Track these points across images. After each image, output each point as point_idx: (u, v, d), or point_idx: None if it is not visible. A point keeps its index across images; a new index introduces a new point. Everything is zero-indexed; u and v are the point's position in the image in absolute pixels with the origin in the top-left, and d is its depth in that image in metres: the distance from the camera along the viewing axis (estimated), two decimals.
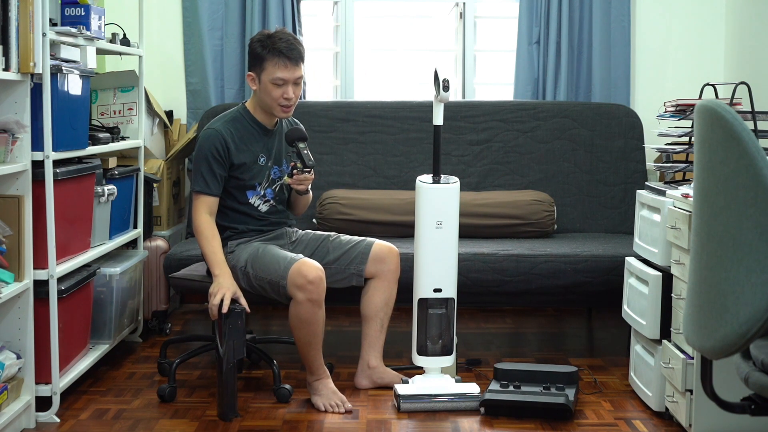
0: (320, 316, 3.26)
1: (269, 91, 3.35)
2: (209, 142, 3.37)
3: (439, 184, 3.43)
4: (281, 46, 3.33)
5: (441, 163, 3.48)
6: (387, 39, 5.20)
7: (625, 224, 4.47)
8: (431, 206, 3.39)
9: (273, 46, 3.33)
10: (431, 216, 3.38)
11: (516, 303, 4.29)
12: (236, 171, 3.40)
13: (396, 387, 3.36)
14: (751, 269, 1.82)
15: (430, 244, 3.40)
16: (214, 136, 3.37)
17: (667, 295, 3.15)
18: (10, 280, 2.94)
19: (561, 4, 4.77)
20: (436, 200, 3.39)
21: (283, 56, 3.33)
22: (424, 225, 3.39)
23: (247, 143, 3.41)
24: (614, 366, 3.84)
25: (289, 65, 3.34)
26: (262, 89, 3.38)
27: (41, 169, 3.07)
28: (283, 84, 3.34)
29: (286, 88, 3.35)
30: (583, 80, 4.86)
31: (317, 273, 3.23)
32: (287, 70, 3.34)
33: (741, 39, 4.66)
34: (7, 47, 2.88)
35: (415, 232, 3.42)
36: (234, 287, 3.24)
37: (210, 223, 3.36)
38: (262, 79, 3.36)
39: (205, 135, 3.40)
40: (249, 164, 3.41)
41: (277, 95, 3.35)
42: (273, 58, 3.33)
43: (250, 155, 3.41)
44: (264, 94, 3.37)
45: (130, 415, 3.25)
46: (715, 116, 1.92)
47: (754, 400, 2.10)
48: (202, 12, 4.82)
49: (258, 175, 3.44)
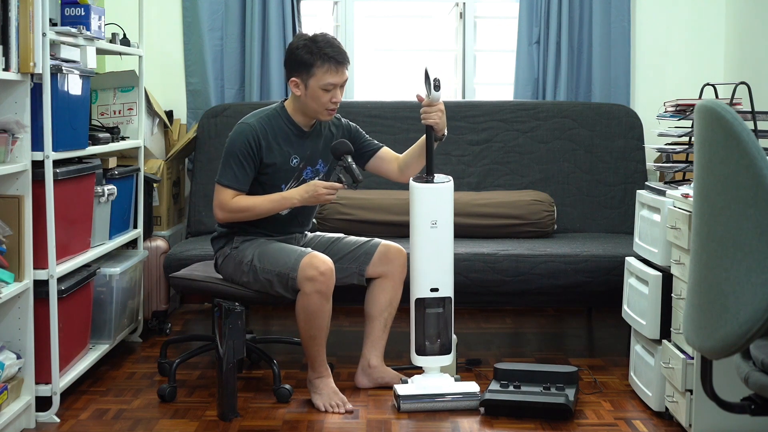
0: (327, 310, 3.26)
1: (318, 96, 3.31)
2: (243, 137, 3.32)
3: (432, 183, 3.42)
4: (330, 52, 3.29)
5: (440, 163, 3.48)
6: (387, 39, 5.20)
7: (625, 224, 4.47)
8: (425, 206, 3.38)
9: (321, 51, 3.28)
10: (425, 216, 3.37)
11: (516, 303, 4.29)
12: (265, 169, 3.36)
13: (395, 387, 3.36)
14: (751, 269, 1.82)
15: (426, 245, 3.39)
16: (248, 131, 3.33)
17: (667, 295, 3.15)
18: (10, 280, 2.94)
19: (561, 4, 4.77)
20: (429, 200, 3.38)
21: (334, 61, 3.29)
22: (419, 225, 3.38)
23: (280, 143, 3.37)
24: (614, 366, 3.84)
25: (339, 69, 3.31)
26: (309, 95, 3.32)
27: (41, 169, 3.07)
28: (332, 88, 3.32)
29: (334, 92, 3.32)
30: (583, 80, 4.86)
31: (328, 265, 3.23)
32: (337, 74, 3.31)
33: (741, 39, 4.66)
34: (7, 47, 2.88)
35: (411, 233, 3.42)
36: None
37: (238, 199, 3.32)
38: (309, 85, 3.31)
39: (239, 129, 3.35)
40: (279, 165, 3.37)
41: (325, 100, 3.32)
42: (323, 64, 3.28)
43: (282, 156, 3.37)
44: (311, 99, 3.33)
45: (130, 415, 3.25)
46: (715, 116, 1.92)
47: (754, 400, 2.10)
48: (202, 12, 4.82)
49: (287, 177, 3.40)
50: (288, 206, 3.36)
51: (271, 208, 3.35)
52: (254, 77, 4.79)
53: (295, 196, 3.34)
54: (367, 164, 3.58)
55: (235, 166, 3.31)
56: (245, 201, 3.34)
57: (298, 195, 3.34)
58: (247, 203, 3.34)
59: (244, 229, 3.43)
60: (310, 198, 3.33)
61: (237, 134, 3.34)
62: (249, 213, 3.35)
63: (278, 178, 3.39)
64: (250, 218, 3.37)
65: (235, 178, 3.32)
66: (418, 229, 3.39)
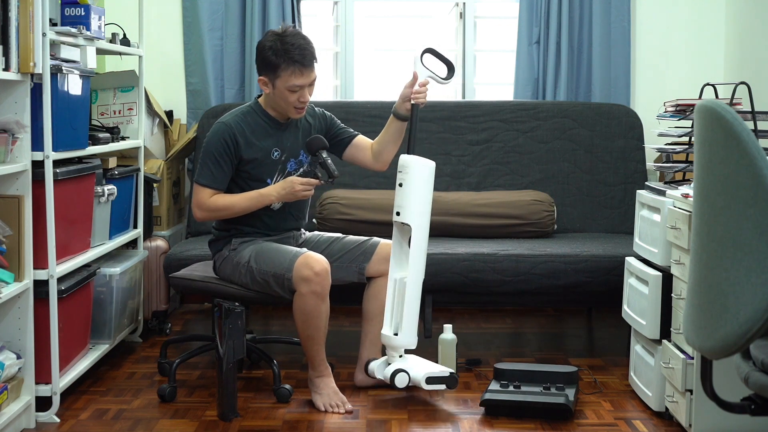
0: (324, 310, 3.27)
1: (285, 96, 3.33)
2: (218, 136, 3.35)
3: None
4: (296, 55, 3.28)
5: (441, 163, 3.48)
6: (387, 39, 5.19)
7: (625, 224, 4.47)
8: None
9: (287, 54, 3.28)
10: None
11: (516, 303, 4.29)
12: (247, 166, 3.38)
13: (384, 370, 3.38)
14: (751, 269, 1.82)
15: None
16: (223, 130, 3.36)
17: (667, 295, 3.15)
18: (10, 280, 2.94)
19: (561, 4, 4.77)
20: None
21: (299, 64, 3.29)
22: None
23: (258, 138, 3.39)
24: (614, 366, 3.84)
25: (304, 72, 3.31)
26: (277, 94, 3.35)
27: (41, 169, 3.07)
28: (299, 89, 3.32)
29: (302, 92, 3.33)
30: (583, 80, 4.86)
31: (323, 265, 3.24)
32: (303, 76, 3.31)
33: (741, 39, 4.66)
34: (7, 47, 2.88)
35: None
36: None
37: (216, 198, 3.35)
38: (276, 85, 3.33)
39: (215, 128, 3.39)
40: (261, 159, 3.39)
41: (293, 99, 3.33)
42: (288, 66, 3.29)
43: (262, 151, 3.39)
44: (279, 98, 3.35)
45: (130, 415, 3.25)
46: (715, 116, 1.92)
47: (754, 400, 2.10)
48: (202, 12, 4.82)
49: (270, 171, 3.42)
50: (266, 203, 3.39)
51: (249, 206, 3.38)
52: (254, 77, 4.79)
53: (272, 193, 3.37)
54: (344, 153, 3.60)
55: (212, 165, 3.35)
56: (223, 200, 3.37)
57: (275, 192, 3.37)
58: (225, 202, 3.37)
59: (240, 231, 3.44)
60: (287, 194, 3.36)
61: (213, 133, 3.38)
62: (227, 212, 3.39)
63: (262, 173, 3.41)
64: (228, 216, 3.41)
65: (212, 177, 3.35)
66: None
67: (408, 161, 3.36)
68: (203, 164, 3.37)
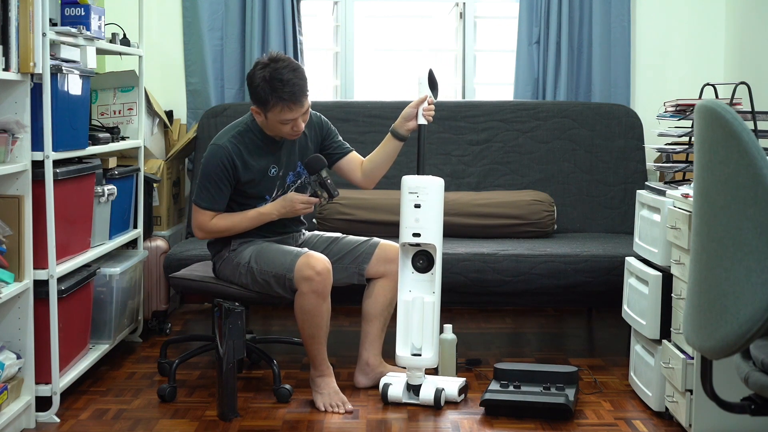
0: (325, 309, 3.27)
1: (278, 127, 3.30)
2: (216, 159, 3.33)
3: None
4: (285, 94, 3.21)
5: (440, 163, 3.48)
6: (387, 39, 5.19)
7: (625, 224, 4.47)
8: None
9: (275, 93, 3.22)
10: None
11: (516, 303, 4.29)
12: (245, 186, 3.38)
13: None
14: (751, 269, 1.82)
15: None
16: (221, 154, 3.32)
17: (667, 295, 3.15)
18: (10, 280, 2.94)
19: (561, 4, 4.77)
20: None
21: (288, 102, 3.24)
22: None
23: (255, 158, 3.37)
24: (614, 366, 3.84)
25: (294, 108, 3.25)
26: (269, 125, 3.32)
27: (41, 169, 3.07)
28: (291, 121, 3.29)
29: (294, 123, 3.30)
30: (583, 80, 4.86)
31: (324, 265, 3.24)
32: (293, 111, 3.26)
33: (741, 39, 4.66)
34: (7, 47, 2.88)
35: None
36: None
37: (217, 220, 3.37)
38: (268, 117, 3.28)
39: (212, 151, 3.35)
40: (258, 179, 3.38)
41: (286, 130, 3.31)
42: (278, 103, 3.24)
43: (260, 170, 3.37)
44: (272, 128, 3.32)
45: (130, 415, 3.25)
46: (715, 116, 1.91)
47: (754, 400, 2.10)
48: (202, 12, 4.82)
49: (269, 187, 3.41)
50: (267, 221, 3.40)
51: (250, 225, 3.40)
52: None
53: (273, 211, 3.38)
54: (334, 165, 3.59)
55: (211, 187, 3.35)
56: (224, 221, 3.38)
57: (276, 210, 3.38)
58: (227, 223, 3.38)
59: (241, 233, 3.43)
60: (287, 212, 3.38)
61: (211, 156, 3.35)
62: (229, 233, 3.41)
63: (261, 190, 3.41)
64: (229, 235, 3.42)
65: (212, 200, 3.35)
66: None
67: (425, 182, 3.35)
68: (202, 187, 3.36)
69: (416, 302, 3.37)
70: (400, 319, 3.38)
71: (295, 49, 4.79)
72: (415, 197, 3.34)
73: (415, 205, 3.34)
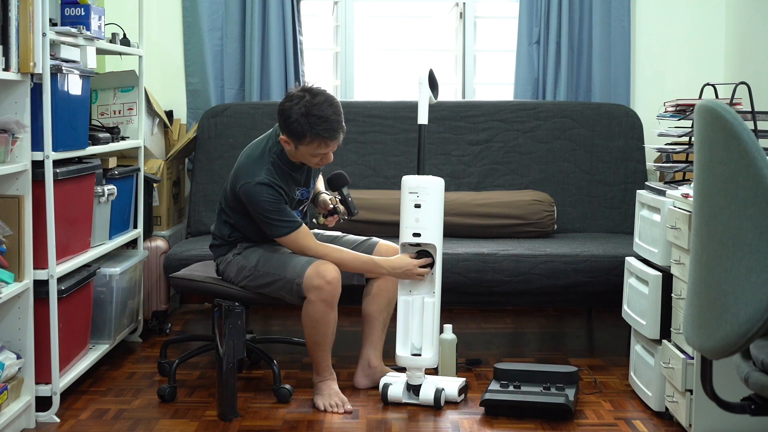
0: (332, 318, 3.28)
1: (307, 158, 3.28)
2: (269, 192, 3.24)
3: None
4: (323, 131, 3.19)
5: (440, 163, 3.48)
6: (387, 39, 5.19)
7: (625, 224, 4.47)
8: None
9: (313, 129, 3.18)
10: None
11: (516, 303, 4.29)
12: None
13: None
14: (751, 269, 1.82)
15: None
16: (270, 188, 3.24)
17: (667, 295, 3.15)
18: (10, 280, 2.94)
19: (561, 4, 4.77)
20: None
21: (327, 138, 3.22)
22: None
23: (289, 186, 3.34)
24: (614, 366, 3.84)
25: (331, 144, 3.25)
26: (298, 155, 3.28)
27: (41, 169, 3.07)
28: (323, 155, 3.27)
29: (326, 155, 3.28)
30: (583, 80, 4.86)
31: (335, 274, 3.24)
32: (328, 147, 3.25)
33: (741, 39, 4.66)
34: (7, 47, 2.88)
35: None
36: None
37: (330, 250, 3.33)
38: (299, 149, 3.25)
39: (260, 189, 3.24)
40: (291, 205, 3.37)
41: (315, 162, 3.30)
42: (314, 139, 3.20)
43: (292, 197, 3.37)
44: (300, 157, 3.29)
45: (130, 415, 3.25)
46: (715, 116, 1.92)
47: (754, 400, 2.10)
48: (202, 12, 4.82)
49: (293, 208, 3.40)
50: (376, 274, 3.41)
51: (359, 267, 3.38)
52: (254, 77, 4.79)
53: (386, 267, 3.34)
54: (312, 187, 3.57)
55: (283, 215, 3.28)
56: (336, 253, 3.32)
57: (390, 268, 3.34)
58: (338, 256, 3.31)
59: (245, 236, 3.42)
60: (401, 275, 3.35)
61: (262, 192, 3.25)
62: (337, 264, 3.30)
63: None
64: (339, 268, 3.31)
65: (292, 220, 3.29)
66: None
67: (425, 182, 3.34)
68: (275, 220, 3.27)
69: (416, 302, 3.37)
70: (399, 319, 3.38)
71: (295, 49, 4.79)
72: (415, 197, 3.34)
73: (416, 205, 3.34)
